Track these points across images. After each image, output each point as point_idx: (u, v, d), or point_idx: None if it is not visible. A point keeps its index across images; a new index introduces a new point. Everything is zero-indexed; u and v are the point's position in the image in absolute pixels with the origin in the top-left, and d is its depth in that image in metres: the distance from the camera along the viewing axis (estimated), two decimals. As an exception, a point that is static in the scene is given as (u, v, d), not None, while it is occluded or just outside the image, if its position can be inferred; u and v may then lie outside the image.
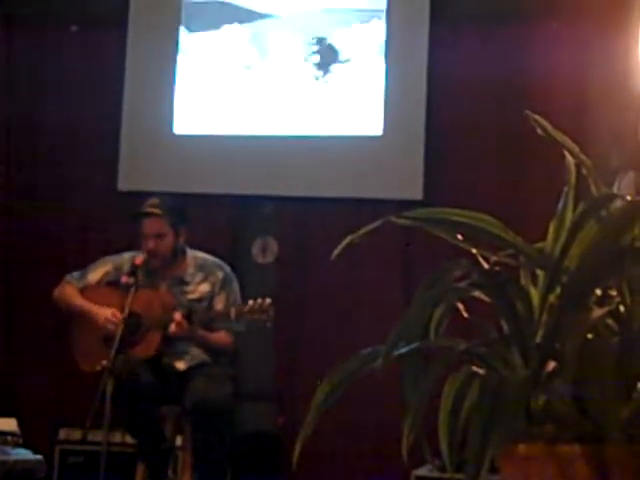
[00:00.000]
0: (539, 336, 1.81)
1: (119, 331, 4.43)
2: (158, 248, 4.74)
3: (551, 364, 1.77)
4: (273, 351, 5.95)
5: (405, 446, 1.79)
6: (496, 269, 1.90)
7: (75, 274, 4.93)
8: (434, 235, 1.91)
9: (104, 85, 6.29)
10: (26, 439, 4.98)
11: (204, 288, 4.81)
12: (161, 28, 6.33)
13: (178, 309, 4.67)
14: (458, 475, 1.73)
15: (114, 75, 6.24)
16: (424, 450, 1.89)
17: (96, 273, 4.89)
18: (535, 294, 1.87)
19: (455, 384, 1.82)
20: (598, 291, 1.81)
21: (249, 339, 4.94)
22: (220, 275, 4.84)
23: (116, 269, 4.84)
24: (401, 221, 1.88)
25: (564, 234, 1.86)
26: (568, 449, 1.70)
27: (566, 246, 1.82)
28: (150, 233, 4.74)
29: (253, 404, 5.90)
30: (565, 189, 1.95)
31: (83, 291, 4.87)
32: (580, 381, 1.69)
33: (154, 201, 4.80)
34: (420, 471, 4.92)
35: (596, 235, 1.82)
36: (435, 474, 4.79)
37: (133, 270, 4.68)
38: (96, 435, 4.47)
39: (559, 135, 1.93)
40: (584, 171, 1.91)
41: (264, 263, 6.12)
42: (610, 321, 1.81)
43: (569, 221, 1.89)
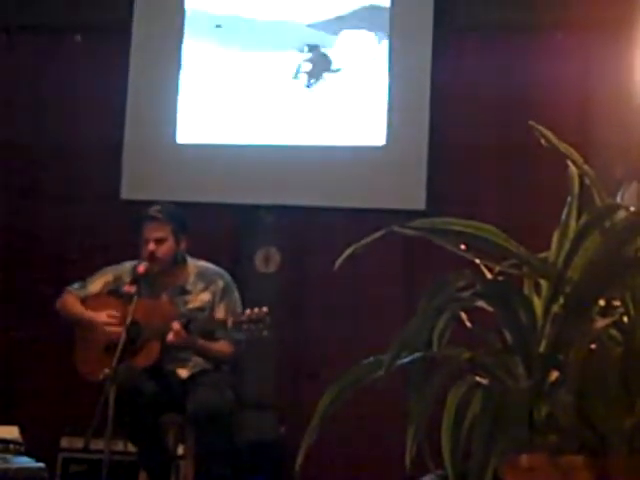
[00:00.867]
0: (542, 346, 1.80)
1: (122, 339, 4.45)
2: (158, 252, 4.76)
3: (554, 374, 1.77)
4: (275, 360, 5.95)
5: (408, 456, 1.79)
6: (499, 279, 1.90)
7: (76, 285, 4.98)
8: (437, 245, 1.90)
9: (107, 94, 6.30)
10: (28, 447, 4.96)
11: (205, 297, 4.83)
12: (164, 38, 6.34)
13: (178, 319, 4.68)
14: (461, 485, 1.73)
15: (117, 84, 6.26)
16: (427, 460, 1.89)
17: (96, 283, 4.94)
18: (538, 304, 1.87)
19: (458, 394, 1.82)
20: (601, 301, 1.80)
21: (250, 348, 4.94)
22: (221, 284, 4.85)
23: (116, 279, 4.89)
24: (404, 231, 1.87)
25: (568, 244, 1.86)
26: (571, 460, 1.70)
27: (570, 256, 1.82)
28: (151, 237, 4.78)
29: (255, 413, 5.89)
30: (569, 199, 1.95)
31: (84, 301, 4.91)
32: (583, 392, 1.69)
33: (156, 207, 4.88)
34: (423, 481, 4.91)
35: (600, 245, 1.82)
36: (438, 484, 4.78)
37: (136, 279, 4.70)
38: (98, 443, 4.47)
39: (563, 146, 1.93)
40: (587, 181, 1.91)
41: (267, 273, 6.12)
42: (613, 332, 1.81)
43: (573, 231, 1.89)
